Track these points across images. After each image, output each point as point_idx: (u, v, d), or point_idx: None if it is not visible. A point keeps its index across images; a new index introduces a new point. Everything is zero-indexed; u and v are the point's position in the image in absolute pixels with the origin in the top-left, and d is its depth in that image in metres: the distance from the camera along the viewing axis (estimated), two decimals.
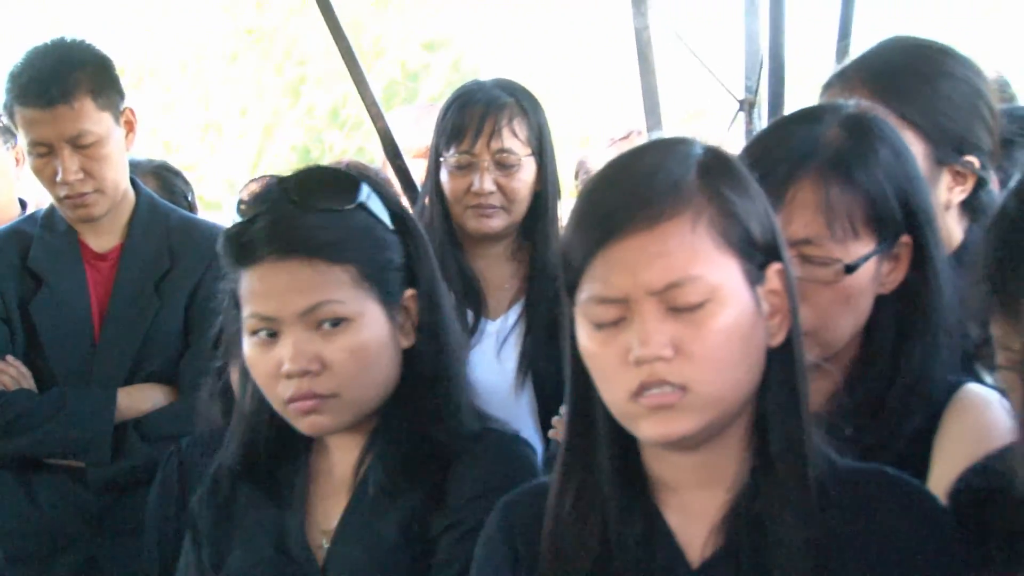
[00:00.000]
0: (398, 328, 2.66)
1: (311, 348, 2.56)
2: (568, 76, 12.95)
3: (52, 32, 4.20)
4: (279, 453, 2.74)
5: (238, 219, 2.64)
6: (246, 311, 2.61)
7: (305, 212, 2.60)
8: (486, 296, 4.11)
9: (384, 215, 2.67)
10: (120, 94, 4.10)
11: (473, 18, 15.26)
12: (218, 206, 13.48)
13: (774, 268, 2.17)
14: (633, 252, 2.09)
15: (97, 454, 3.99)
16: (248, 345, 2.63)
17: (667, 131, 5.23)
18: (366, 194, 2.65)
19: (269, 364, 2.59)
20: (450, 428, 2.67)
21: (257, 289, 2.59)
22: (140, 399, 4.04)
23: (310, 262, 2.56)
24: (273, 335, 2.58)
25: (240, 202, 2.70)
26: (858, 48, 3.32)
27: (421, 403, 2.67)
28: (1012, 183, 2.22)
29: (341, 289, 2.58)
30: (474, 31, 15.44)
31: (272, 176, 2.74)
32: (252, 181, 2.78)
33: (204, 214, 9.48)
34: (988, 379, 2.51)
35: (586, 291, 2.13)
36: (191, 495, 3.53)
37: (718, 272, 2.10)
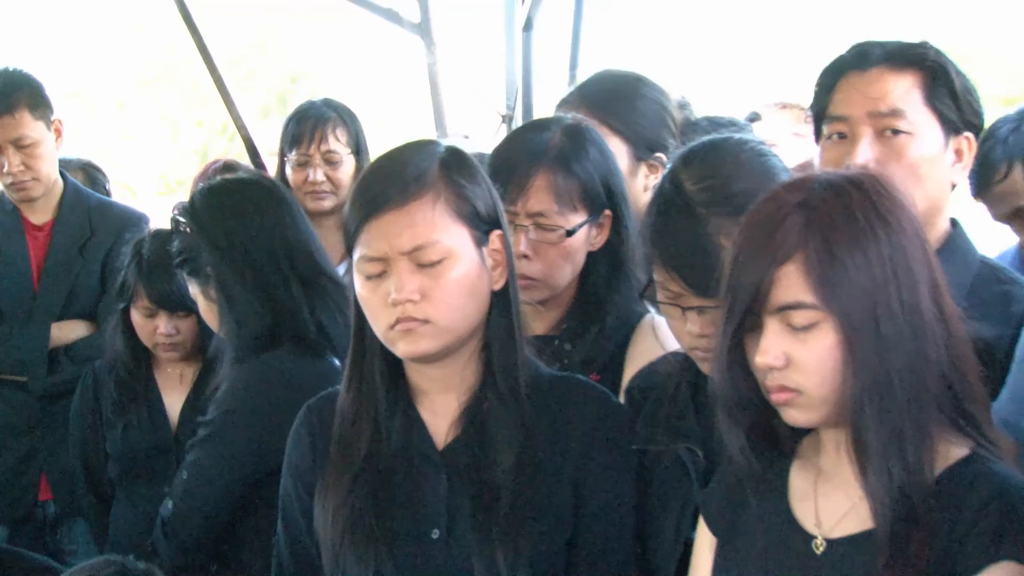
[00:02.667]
0: None
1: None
2: (386, 97, 12.92)
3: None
4: None
5: None
6: None
7: None
8: None
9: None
10: (50, 109, 3.99)
11: (328, 57, 15.06)
12: (134, 192, 13.43)
13: (496, 234, 2.16)
14: (389, 224, 2.08)
15: (36, 371, 3.91)
16: None
17: (450, 138, 5.20)
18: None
19: None
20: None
21: None
22: (68, 331, 3.95)
23: None
24: None
25: None
26: (582, 76, 3.32)
27: None
28: (667, 167, 2.23)
29: None
30: (329, 67, 15.24)
31: None
32: None
33: (126, 198, 9.32)
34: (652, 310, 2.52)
35: (358, 252, 2.11)
36: (102, 401, 3.48)
37: (453, 238, 2.09)
